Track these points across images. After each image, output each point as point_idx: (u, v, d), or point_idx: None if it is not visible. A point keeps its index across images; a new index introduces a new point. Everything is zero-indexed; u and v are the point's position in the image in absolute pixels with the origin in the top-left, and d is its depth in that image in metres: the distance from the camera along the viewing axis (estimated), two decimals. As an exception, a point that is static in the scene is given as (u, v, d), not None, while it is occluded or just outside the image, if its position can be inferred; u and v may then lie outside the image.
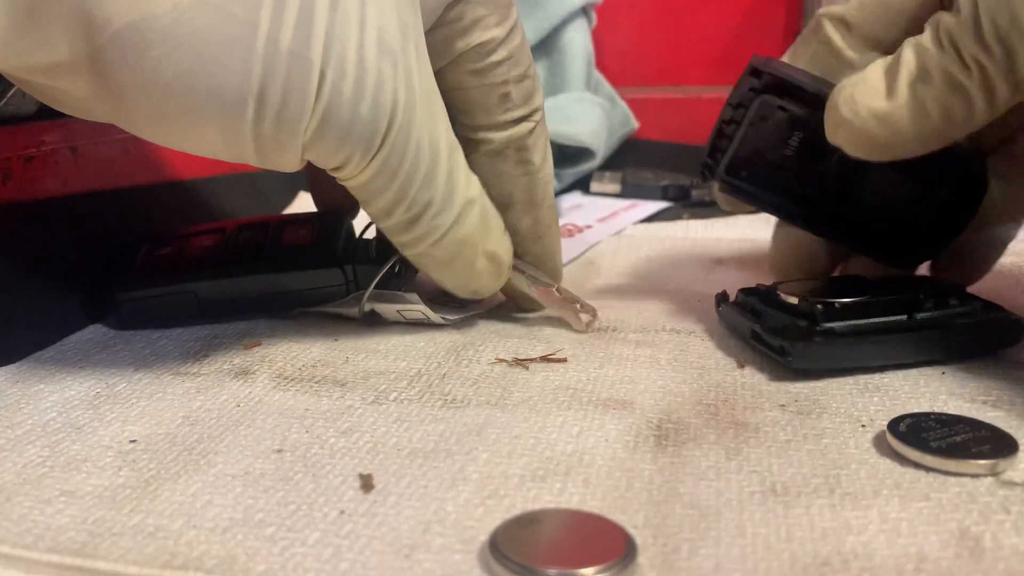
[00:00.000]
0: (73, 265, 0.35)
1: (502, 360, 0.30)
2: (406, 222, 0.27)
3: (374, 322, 0.33)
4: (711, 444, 0.24)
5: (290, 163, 0.25)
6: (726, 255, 0.45)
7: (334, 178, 0.27)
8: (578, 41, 0.66)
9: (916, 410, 0.25)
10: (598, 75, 0.71)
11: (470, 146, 0.30)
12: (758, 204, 0.33)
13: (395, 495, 0.21)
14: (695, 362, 0.30)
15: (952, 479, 0.22)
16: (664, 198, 0.59)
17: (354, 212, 0.37)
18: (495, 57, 0.29)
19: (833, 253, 0.34)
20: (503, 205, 0.31)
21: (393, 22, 0.25)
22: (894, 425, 0.23)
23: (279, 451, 0.23)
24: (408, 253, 0.29)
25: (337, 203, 0.36)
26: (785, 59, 0.32)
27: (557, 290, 0.33)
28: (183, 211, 0.43)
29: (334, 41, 0.23)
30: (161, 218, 0.41)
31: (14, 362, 0.30)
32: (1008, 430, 0.23)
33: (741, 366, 0.29)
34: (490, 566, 0.18)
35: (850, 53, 0.30)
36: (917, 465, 0.22)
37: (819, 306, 0.28)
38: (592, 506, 0.21)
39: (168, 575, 0.18)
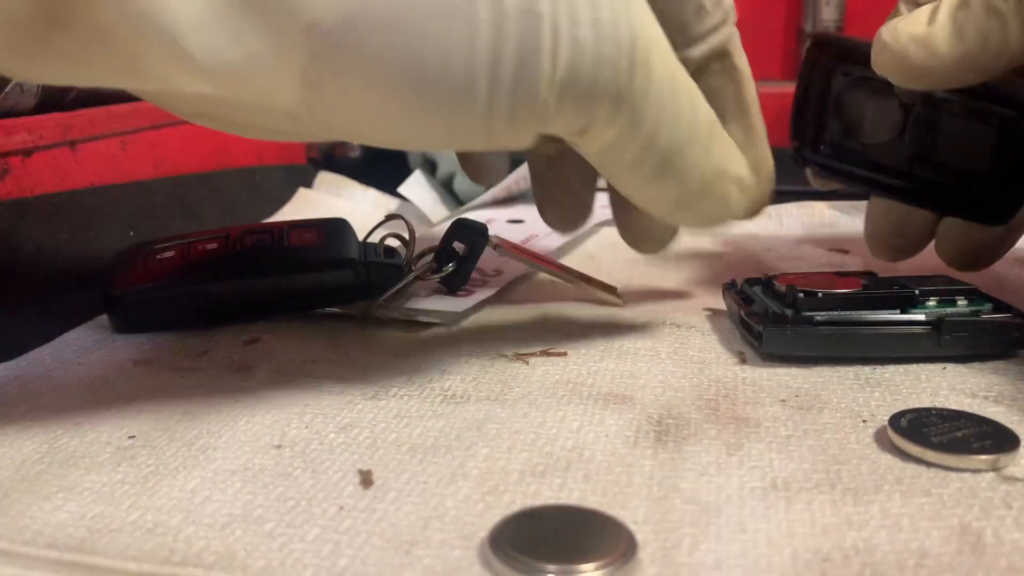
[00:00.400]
0: (72, 260, 0.35)
1: (502, 355, 0.30)
2: (655, 173, 0.24)
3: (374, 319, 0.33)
4: (712, 439, 0.24)
5: (525, 139, 0.23)
6: (728, 247, 0.45)
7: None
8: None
9: (917, 405, 0.25)
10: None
11: None
12: (852, 181, 0.33)
13: (395, 491, 0.21)
14: (696, 356, 0.29)
15: (953, 474, 0.22)
16: None
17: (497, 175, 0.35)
18: None
19: (927, 220, 0.34)
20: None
21: None
22: (895, 420, 0.23)
23: (278, 447, 0.23)
24: (655, 208, 0.26)
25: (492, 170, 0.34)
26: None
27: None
28: (182, 206, 0.43)
29: None
30: (160, 213, 0.41)
31: (12, 358, 0.30)
32: (1010, 425, 0.23)
33: (742, 361, 0.29)
34: (490, 562, 0.18)
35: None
36: (918, 460, 0.22)
37: (800, 294, 0.28)
38: (592, 502, 0.21)
39: (167, 571, 0.18)
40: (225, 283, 0.32)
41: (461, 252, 0.33)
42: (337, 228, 0.35)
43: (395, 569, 0.18)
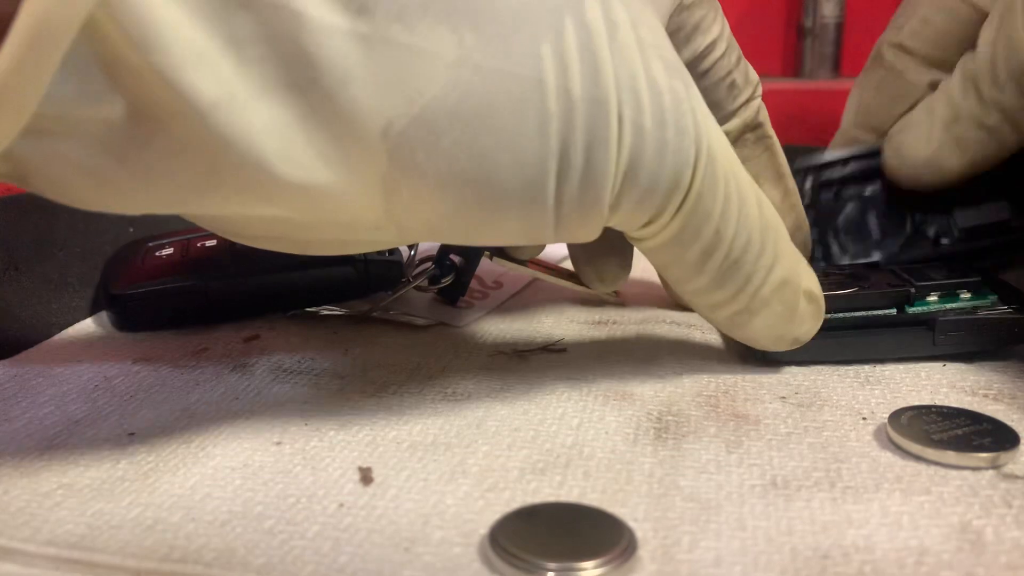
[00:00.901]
0: (71, 258, 0.35)
1: (501, 352, 0.30)
2: (721, 274, 0.24)
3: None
4: (711, 437, 0.24)
5: (592, 231, 0.22)
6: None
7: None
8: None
9: (917, 403, 0.25)
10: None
11: None
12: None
13: (394, 488, 0.21)
14: (696, 353, 0.29)
15: (953, 472, 0.22)
16: None
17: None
18: (717, 52, 0.28)
19: None
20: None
21: (663, 38, 0.22)
22: (895, 418, 0.23)
23: (278, 444, 0.23)
24: (719, 315, 0.25)
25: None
26: (854, 90, 0.35)
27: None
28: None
29: (622, 72, 0.20)
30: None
31: (12, 355, 0.30)
32: (1009, 423, 0.23)
33: (743, 359, 0.29)
34: (490, 559, 0.18)
35: (913, 76, 0.32)
36: (918, 458, 0.22)
37: None
38: (592, 499, 0.21)
39: (167, 568, 0.18)
40: (227, 280, 0.32)
41: (458, 263, 0.33)
42: None
43: (395, 566, 0.18)
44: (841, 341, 0.28)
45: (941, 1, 0.32)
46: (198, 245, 0.34)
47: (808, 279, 0.26)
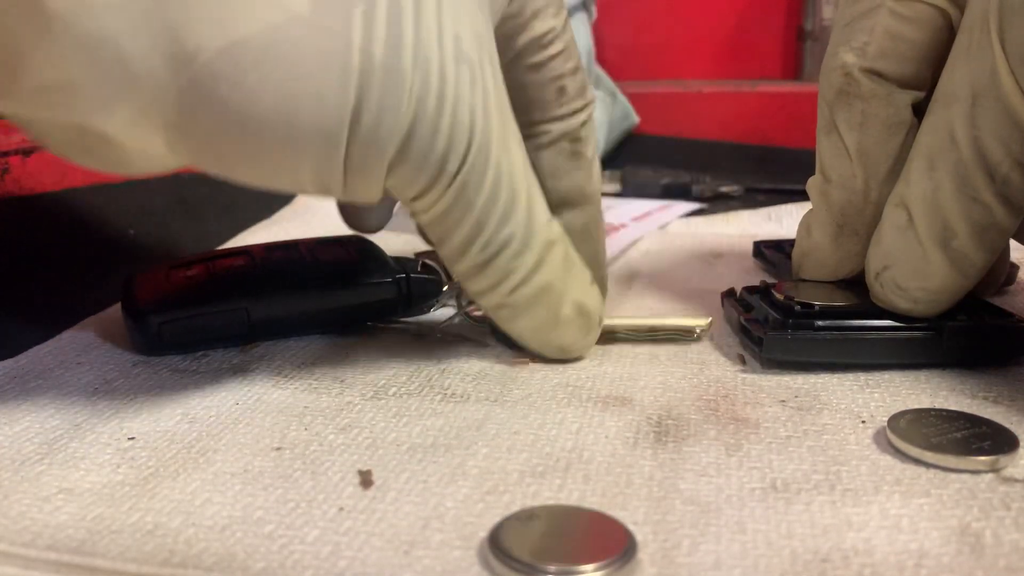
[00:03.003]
0: (71, 259, 0.35)
1: (501, 356, 0.30)
2: (482, 263, 0.26)
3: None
4: (711, 440, 0.24)
5: (373, 192, 0.24)
6: (727, 250, 0.45)
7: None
8: (579, 35, 0.66)
9: (916, 406, 0.25)
10: (598, 70, 0.71)
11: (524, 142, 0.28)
12: None
13: (394, 491, 0.21)
14: (695, 358, 0.29)
15: (953, 475, 0.22)
16: (665, 196, 0.59)
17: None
18: (552, 49, 0.28)
19: None
20: (556, 204, 0.29)
21: (467, 30, 0.23)
22: (894, 421, 0.23)
23: (278, 449, 0.23)
24: (485, 303, 0.27)
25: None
26: (826, 139, 0.29)
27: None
28: (183, 205, 0.43)
29: (420, 50, 0.22)
30: (160, 212, 0.41)
31: (11, 357, 0.30)
32: (1009, 426, 0.23)
33: (742, 362, 0.29)
34: (489, 563, 0.18)
35: (897, 98, 0.28)
36: (917, 461, 0.22)
37: (797, 306, 0.28)
38: (592, 502, 0.21)
39: (167, 573, 0.18)
40: (267, 300, 0.30)
41: None
42: (364, 244, 0.34)
43: (395, 570, 0.18)
44: (847, 345, 0.27)
45: (903, 8, 0.27)
46: (223, 266, 0.32)
47: (583, 293, 0.28)
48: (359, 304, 0.32)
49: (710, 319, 0.31)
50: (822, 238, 0.30)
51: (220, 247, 0.43)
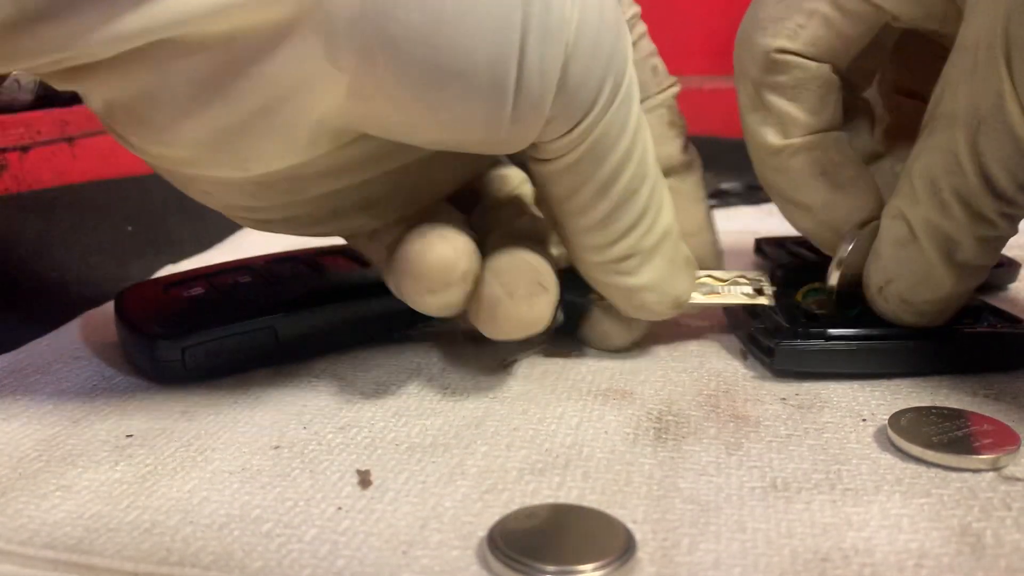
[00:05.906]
0: (69, 255, 0.35)
1: (500, 353, 0.29)
2: (616, 207, 0.24)
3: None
4: (711, 438, 0.23)
5: (531, 134, 0.22)
6: (728, 247, 0.45)
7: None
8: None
9: (917, 404, 0.25)
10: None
11: None
12: None
13: (393, 491, 0.21)
14: (696, 352, 0.29)
15: (953, 474, 0.21)
16: None
17: None
18: (640, 29, 0.29)
19: None
20: (663, 170, 0.27)
21: None
22: (895, 420, 0.23)
23: (276, 447, 0.23)
24: (607, 256, 0.26)
25: None
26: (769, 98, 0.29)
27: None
28: (180, 202, 0.43)
29: None
30: (158, 209, 0.41)
31: (9, 351, 0.30)
32: (1010, 424, 0.23)
33: (744, 357, 0.29)
34: (488, 562, 0.18)
35: (823, 69, 0.28)
36: (918, 460, 0.22)
37: (803, 317, 0.28)
38: (591, 500, 0.21)
39: (164, 571, 0.18)
40: (295, 315, 0.28)
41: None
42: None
43: (393, 569, 0.18)
44: (859, 354, 0.27)
45: (847, 1, 0.27)
46: (228, 282, 0.30)
47: (682, 241, 0.28)
48: (385, 315, 0.29)
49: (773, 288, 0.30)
50: (815, 199, 0.29)
51: (216, 246, 0.43)
